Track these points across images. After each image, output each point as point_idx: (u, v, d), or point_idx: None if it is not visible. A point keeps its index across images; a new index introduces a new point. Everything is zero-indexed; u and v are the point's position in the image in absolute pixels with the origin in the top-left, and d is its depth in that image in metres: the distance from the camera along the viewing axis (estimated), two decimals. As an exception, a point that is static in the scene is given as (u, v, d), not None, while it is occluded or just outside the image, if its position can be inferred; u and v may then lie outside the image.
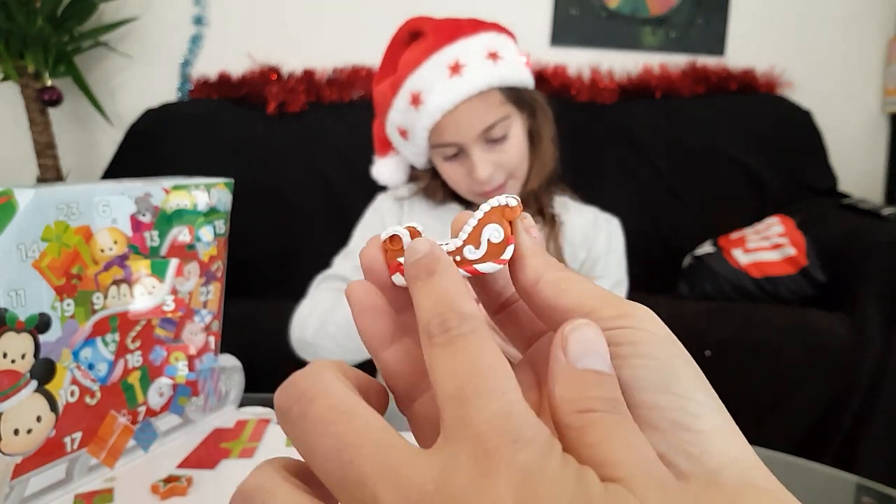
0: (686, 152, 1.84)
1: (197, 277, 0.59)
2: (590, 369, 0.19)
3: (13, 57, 1.77)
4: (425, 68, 0.84)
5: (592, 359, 0.19)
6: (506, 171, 0.88)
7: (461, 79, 0.82)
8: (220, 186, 0.60)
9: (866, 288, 1.35)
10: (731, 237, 1.64)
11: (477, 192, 0.89)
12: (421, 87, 0.84)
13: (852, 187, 1.91)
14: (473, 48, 0.84)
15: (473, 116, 0.84)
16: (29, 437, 0.46)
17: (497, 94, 0.85)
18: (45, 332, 0.46)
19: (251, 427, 0.61)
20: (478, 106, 0.83)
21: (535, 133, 0.92)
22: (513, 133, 0.87)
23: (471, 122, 0.84)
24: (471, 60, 0.83)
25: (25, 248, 0.45)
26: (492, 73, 0.84)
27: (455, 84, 0.82)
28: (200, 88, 1.96)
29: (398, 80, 0.86)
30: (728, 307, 1.46)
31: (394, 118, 0.90)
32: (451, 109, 0.83)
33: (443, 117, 0.83)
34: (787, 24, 2.05)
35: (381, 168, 0.99)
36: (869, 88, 2.09)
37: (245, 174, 1.24)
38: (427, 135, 0.86)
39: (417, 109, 0.84)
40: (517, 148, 0.88)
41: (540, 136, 0.92)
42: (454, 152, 0.87)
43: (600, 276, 0.92)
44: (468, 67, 0.82)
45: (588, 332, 0.19)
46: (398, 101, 0.87)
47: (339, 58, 1.95)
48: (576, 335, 0.19)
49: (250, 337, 1.36)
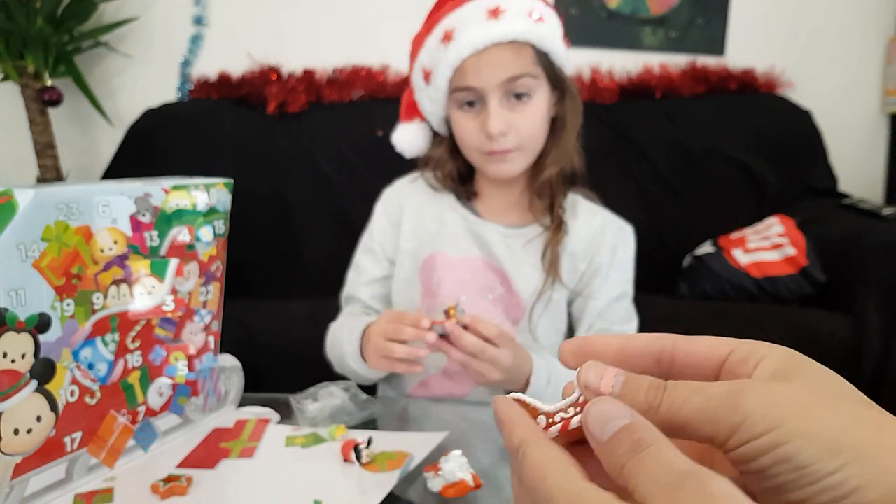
0: (686, 152, 1.84)
1: (196, 277, 0.59)
2: (613, 433, 0.21)
3: (13, 57, 1.77)
4: (465, 9, 0.82)
5: (612, 424, 0.21)
6: (518, 136, 0.83)
7: (497, 23, 0.80)
8: (220, 186, 0.60)
9: (866, 288, 1.35)
10: (731, 237, 1.64)
11: (484, 150, 0.85)
12: (455, 25, 0.82)
13: (852, 187, 1.91)
14: (517, 2, 0.82)
15: (501, 62, 0.81)
16: (29, 437, 0.46)
17: (531, 50, 0.82)
18: (45, 332, 0.46)
19: (251, 427, 0.61)
20: (507, 54, 0.80)
21: (559, 119, 0.89)
22: (536, 99, 0.83)
23: (496, 68, 0.81)
24: (512, 8, 0.80)
25: (25, 248, 0.45)
26: (531, 27, 0.81)
27: (491, 26, 0.80)
28: (200, 88, 1.96)
29: (435, 19, 0.85)
30: (728, 307, 1.46)
31: (422, 58, 0.87)
32: (481, 50, 0.80)
33: (469, 56, 0.80)
34: (787, 24, 2.05)
35: (402, 134, 0.95)
36: (869, 88, 2.09)
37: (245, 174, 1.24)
38: (450, 74, 0.83)
39: (447, 46, 0.81)
40: (537, 116, 0.84)
41: (563, 123, 0.89)
42: (472, 99, 0.83)
43: (597, 291, 0.88)
44: (507, 14, 0.80)
45: (599, 406, 0.22)
46: (430, 40, 0.85)
47: (339, 58, 1.95)
48: (591, 416, 0.22)
49: (250, 337, 1.36)
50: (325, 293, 1.31)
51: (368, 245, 0.98)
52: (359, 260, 0.99)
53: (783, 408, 0.20)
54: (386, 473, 0.52)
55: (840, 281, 1.45)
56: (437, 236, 0.92)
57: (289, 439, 0.58)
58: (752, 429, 0.20)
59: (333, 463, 0.54)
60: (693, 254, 1.66)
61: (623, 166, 1.84)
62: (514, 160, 0.85)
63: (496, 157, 0.85)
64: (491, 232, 0.91)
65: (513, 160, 0.85)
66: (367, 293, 0.96)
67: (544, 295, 0.86)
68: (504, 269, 0.88)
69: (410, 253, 0.93)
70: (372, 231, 0.99)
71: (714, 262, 1.57)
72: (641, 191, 1.82)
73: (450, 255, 0.91)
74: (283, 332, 1.41)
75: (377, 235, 0.97)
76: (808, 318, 1.38)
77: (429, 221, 0.94)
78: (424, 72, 0.87)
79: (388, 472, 0.52)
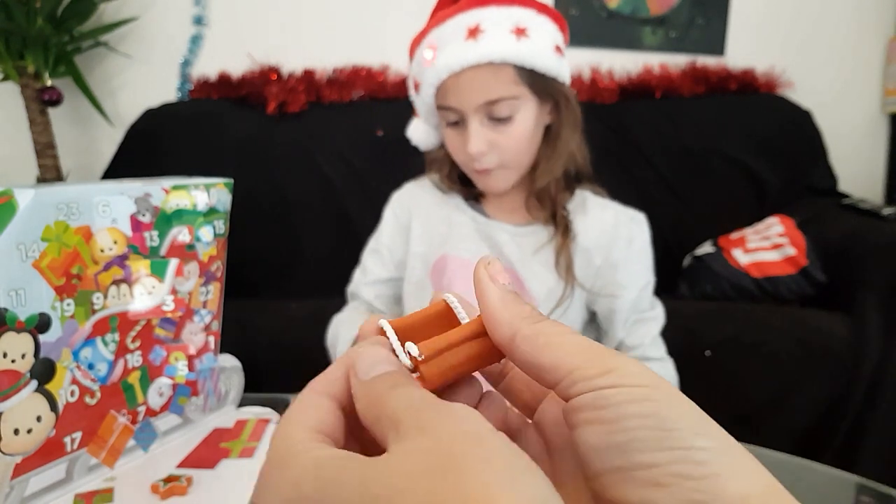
0: (686, 152, 1.84)
1: (196, 277, 0.59)
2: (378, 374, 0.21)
3: (13, 57, 1.77)
4: (448, 25, 0.81)
5: (379, 367, 0.22)
6: (500, 156, 0.83)
7: (475, 44, 0.78)
8: (220, 186, 0.60)
9: (866, 288, 1.35)
10: (731, 237, 1.64)
11: (469, 168, 0.86)
12: (437, 44, 0.82)
13: (852, 187, 1.91)
14: (500, 18, 0.80)
15: (479, 85, 0.79)
16: (29, 437, 0.46)
17: (511, 71, 0.80)
18: (45, 332, 0.46)
19: (251, 427, 0.61)
20: (485, 76, 0.79)
21: (553, 128, 0.87)
22: (520, 118, 0.82)
23: (473, 91, 0.80)
24: (491, 29, 0.79)
25: (25, 248, 0.45)
26: (510, 47, 0.79)
27: (468, 48, 0.79)
28: (200, 88, 1.96)
29: (424, 31, 0.85)
30: (728, 307, 1.46)
31: (413, 68, 0.88)
32: (458, 72, 0.79)
33: (448, 78, 0.80)
34: (787, 24, 2.05)
35: (415, 129, 0.95)
36: (869, 88, 2.09)
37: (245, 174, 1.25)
38: (434, 92, 0.83)
39: (429, 65, 0.82)
40: (521, 135, 0.82)
41: (558, 133, 0.87)
42: (455, 119, 0.83)
43: (624, 285, 0.87)
44: (486, 35, 0.79)
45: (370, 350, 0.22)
46: (418, 52, 0.85)
47: (339, 58, 1.95)
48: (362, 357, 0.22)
49: (250, 337, 1.36)
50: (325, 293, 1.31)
51: (375, 247, 0.99)
52: (365, 260, 1.00)
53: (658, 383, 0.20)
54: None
55: (840, 281, 1.45)
56: (446, 238, 0.92)
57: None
58: (625, 379, 0.19)
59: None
60: (693, 254, 1.66)
61: (623, 166, 1.83)
62: (499, 177, 0.85)
63: (482, 175, 0.85)
64: (500, 232, 0.90)
65: (497, 177, 0.85)
66: (371, 293, 0.97)
67: (564, 303, 0.85)
68: (515, 269, 0.88)
69: (421, 256, 0.93)
70: (381, 234, 0.99)
71: (714, 262, 1.57)
72: (641, 191, 1.82)
73: (460, 257, 0.90)
74: (283, 332, 1.41)
75: (385, 239, 0.97)
76: (808, 318, 1.38)
77: (438, 224, 0.94)
78: (415, 82, 0.87)
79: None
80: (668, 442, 0.18)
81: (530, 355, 0.21)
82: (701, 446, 0.18)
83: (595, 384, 0.20)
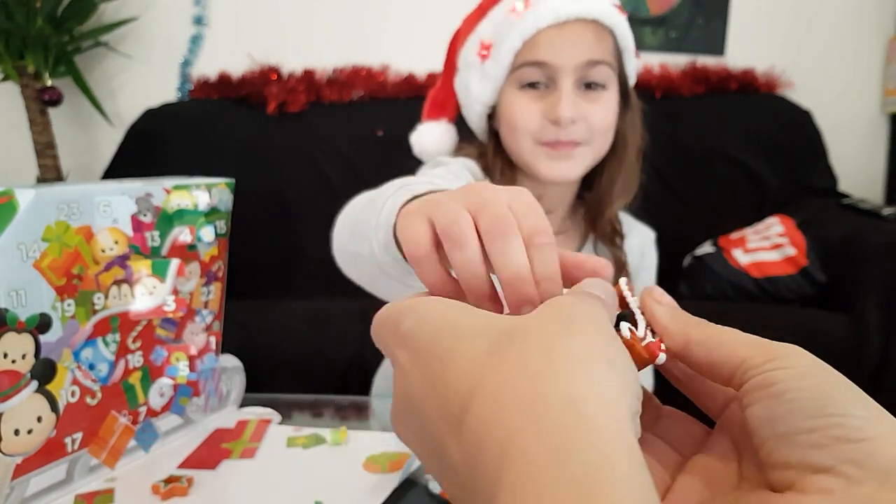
0: (686, 152, 1.84)
1: (198, 277, 0.59)
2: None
3: (13, 57, 1.77)
4: None
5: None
6: (589, 128, 0.73)
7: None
8: (221, 186, 0.60)
9: (866, 288, 1.35)
10: (731, 237, 1.64)
11: (543, 140, 0.74)
12: None
13: (852, 187, 1.91)
14: None
15: (582, 41, 0.71)
16: (29, 438, 0.46)
17: (611, 41, 0.73)
18: (46, 333, 0.46)
19: (252, 427, 0.61)
20: (590, 34, 0.72)
21: (619, 133, 0.79)
22: (609, 94, 0.74)
23: (576, 46, 0.71)
24: None
25: (26, 248, 0.45)
26: (615, 14, 0.73)
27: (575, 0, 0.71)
28: (200, 88, 1.96)
29: None
30: (728, 307, 1.46)
31: (482, 30, 0.77)
32: (562, 22, 0.71)
33: (548, 28, 0.71)
34: (787, 24, 2.04)
35: (425, 133, 0.86)
36: (869, 88, 2.09)
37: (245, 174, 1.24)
38: (519, 46, 0.72)
39: (523, 12, 0.72)
40: (611, 110, 0.75)
41: (625, 139, 0.80)
42: (538, 79, 0.73)
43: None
44: None
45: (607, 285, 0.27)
46: (496, 10, 0.75)
47: (339, 58, 1.95)
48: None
49: (251, 337, 1.36)
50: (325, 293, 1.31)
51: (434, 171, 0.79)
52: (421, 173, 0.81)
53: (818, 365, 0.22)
54: (387, 475, 0.52)
55: (840, 281, 1.45)
56: None
57: (290, 440, 0.58)
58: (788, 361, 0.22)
59: (335, 464, 0.54)
60: (693, 254, 1.66)
61: (623, 166, 1.83)
62: (579, 157, 0.75)
63: (557, 152, 0.74)
64: None
65: (577, 157, 0.75)
66: None
67: None
68: None
69: None
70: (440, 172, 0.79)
71: (714, 262, 1.57)
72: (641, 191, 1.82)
73: None
74: (283, 332, 1.41)
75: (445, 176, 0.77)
76: (808, 318, 1.38)
77: None
78: (483, 45, 0.76)
79: (389, 474, 0.52)
80: (826, 409, 0.21)
81: (704, 356, 0.24)
82: (857, 414, 0.20)
83: (763, 369, 0.22)
